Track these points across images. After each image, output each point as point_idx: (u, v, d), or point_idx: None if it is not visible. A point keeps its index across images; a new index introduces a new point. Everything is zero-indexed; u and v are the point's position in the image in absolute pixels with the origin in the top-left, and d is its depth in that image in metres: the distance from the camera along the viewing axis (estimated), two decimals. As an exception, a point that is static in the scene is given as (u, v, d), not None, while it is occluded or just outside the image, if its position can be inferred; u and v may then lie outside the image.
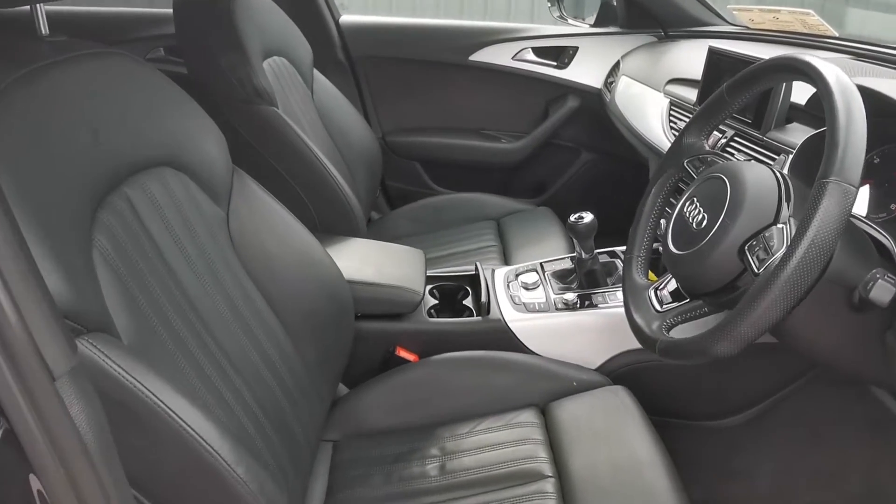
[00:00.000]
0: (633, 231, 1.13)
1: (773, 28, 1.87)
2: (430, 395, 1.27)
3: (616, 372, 1.36)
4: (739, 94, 0.99)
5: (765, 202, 0.85)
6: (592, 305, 1.37)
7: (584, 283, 1.44)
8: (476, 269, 1.55)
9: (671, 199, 1.13)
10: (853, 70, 1.16)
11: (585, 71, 2.18)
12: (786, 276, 0.72)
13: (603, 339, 1.36)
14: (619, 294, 1.39)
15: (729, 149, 1.31)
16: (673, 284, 1.02)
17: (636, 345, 1.36)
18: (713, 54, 1.39)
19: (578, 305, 1.38)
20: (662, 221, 1.30)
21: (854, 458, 1.39)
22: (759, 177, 0.88)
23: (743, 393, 1.40)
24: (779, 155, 1.17)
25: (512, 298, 1.43)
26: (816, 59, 0.82)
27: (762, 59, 1.25)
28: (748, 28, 1.97)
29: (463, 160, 2.31)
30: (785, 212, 0.84)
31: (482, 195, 2.18)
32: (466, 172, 2.35)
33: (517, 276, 1.53)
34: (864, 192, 1.07)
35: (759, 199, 0.86)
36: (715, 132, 1.35)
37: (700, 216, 0.91)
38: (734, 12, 1.97)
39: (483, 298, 1.40)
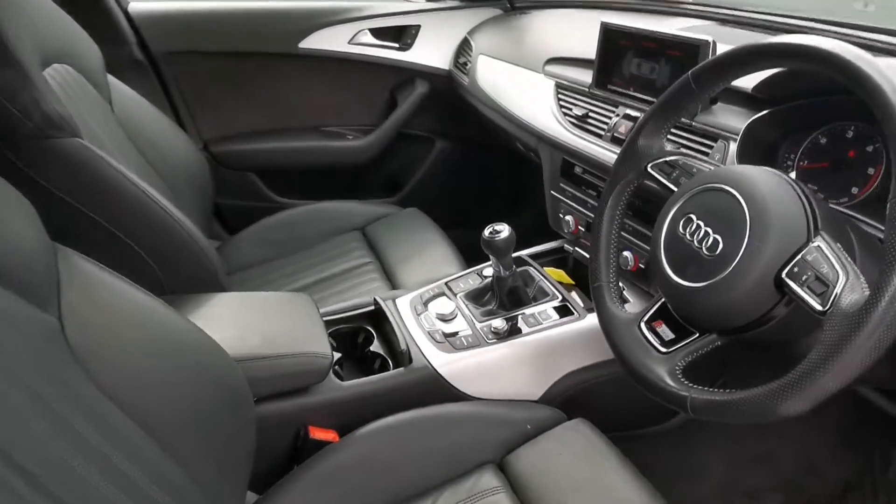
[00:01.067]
0: (595, 253, 0.96)
1: (623, -6, 1.80)
2: (367, 479, 1.01)
3: (560, 398, 1.21)
4: (713, 83, 0.84)
5: (793, 217, 0.72)
6: (520, 330, 1.20)
7: (506, 303, 1.26)
8: (376, 303, 1.29)
9: (629, 212, 0.97)
10: (721, 37, 1.10)
11: (431, 51, 1.97)
12: (881, 312, 0.59)
13: (541, 365, 1.20)
14: (547, 309, 1.23)
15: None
16: (660, 311, 0.87)
17: (575, 366, 1.23)
18: (610, 31, 1.25)
19: (508, 332, 1.19)
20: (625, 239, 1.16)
21: (788, 438, 1.38)
22: (775, 186, 0.75)
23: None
24: (716, 142, 1.06)
25: (432, 336, 1.20)
26: (837, 42, 0.69)
27: (672, 34, 1.15)
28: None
29: (306, 164, 1.99)
30: (812, 227, 0.71)
31: (337, 202, 1.90)
32: (312, 177, 2.04)
33: (426, 303, 1.30)
34: (823, 176, 1.00)
35: (787, 215, 0.72)
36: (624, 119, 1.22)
37: (710, 239, 0.76)
38: (581, -21, 1.87)
39: (401, 345, 1.16)
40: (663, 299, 0.86)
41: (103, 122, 1.36)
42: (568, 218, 1.39)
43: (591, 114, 1.31)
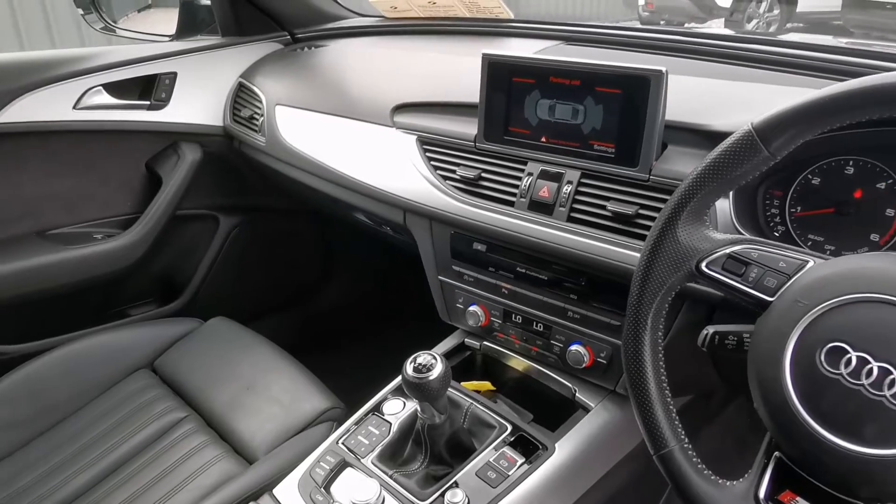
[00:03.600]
0: (646, 402, 0.64)
1: (426, 16, 1.52)
2: None
3: None
4: (793, 141, 0.58)
5: None
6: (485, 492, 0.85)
7: (444, 456, 0.90)
8: None
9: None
10: (602, 58, 0.90)
11: (196, 106, 1.47)
12: None
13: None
14: (504, 450, 0.90)
15: (581, 203, 0.90)
16: (781, 473, 0.59)
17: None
18: (498, 65, 0.94)
19: (469, 502, 0.83)
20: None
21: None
22: None
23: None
24: (693, 197, 0.82)
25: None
26: None
27: (609, 66, 0.88)
28: (386, 18, 1.58)
29: (36, 290, 1.35)
30: None
31: (103, 333, 1.33)
32: (51, 306, 1.40)
33: (324, 488, 0.88)
34: (826, 224, 0.82)
35: None
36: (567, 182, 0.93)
37: (893, 380, 0.49)
38: (371, 1, 1.55)
39: None
40: (776, 454, 0.59)
41: None
42: (473, 308, 1.06)
43: (485, 174, 1.00)
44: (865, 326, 0.52)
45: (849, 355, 0.52)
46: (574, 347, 0.95)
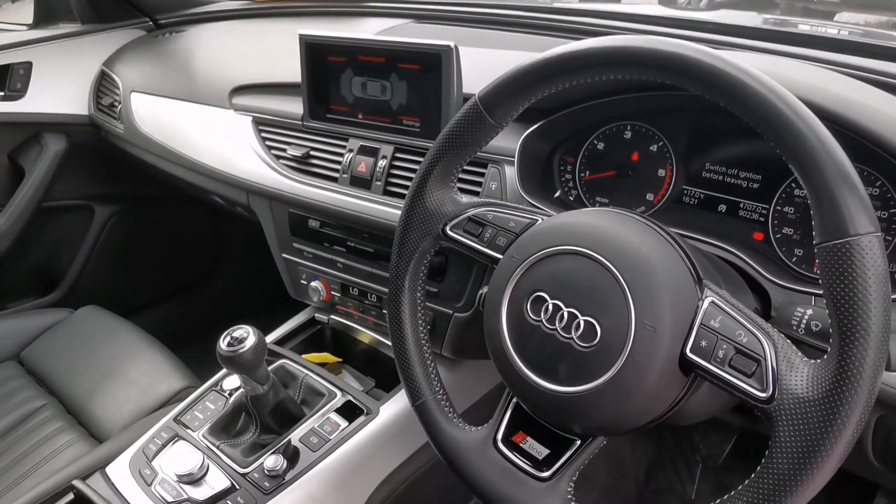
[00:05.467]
0: (404, 359, 0.69)
1: (294, -1, 1.53)
2: None
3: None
4: (512, 107, 0.62)
5: (677, 275, 0.54)
6: (305, 456, 0.89)
7: (271, 425, 0.93)
8: (76, 491, 0.86)
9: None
10: (438, 36, 0.92)
11: (57, 95, 1.46)
12: (864, 392, 0.44)
13: (346, 490, 0.91)
14: (329, 416, 0.94)
15: (395, 177, 0.94)
16: (517, 418, 0.64)
17: (387, 470, 0.96)
18: (314, 46, 0.97)
19: (288, 466, 0.87)
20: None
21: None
22: (642, 235, 0.56)
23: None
24: (486, 168, 0.87)
25: (180, 517, 0.82)
26: (696, 46, 0.51)
27: (400, 42, 0.91)
28: (253, 1, 1.58)
29: None
30: (695, 279, 0.55)
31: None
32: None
33: (152, 461, 0.90)
34: (610, 185, 0.87)
35: (670, 274, 0.54)
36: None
37: (580, 323, 0.54)
38: (234, -15, 1.55)
39: None
40: (513, 401, 0.64)
41: None
42: (315, 284, 1.09)
43: (312, 152, 1.03)
44: (560, 275, 0.57)
45: (546, 303, 0.57)
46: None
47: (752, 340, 0.50)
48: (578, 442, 0.60)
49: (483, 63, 0.92)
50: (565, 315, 0.56)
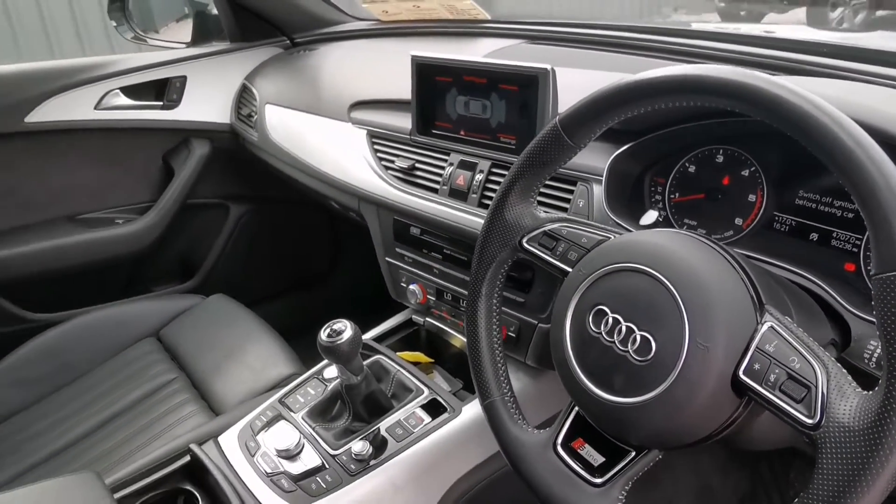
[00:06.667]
0: (476, 360, 0.74)
1: (414, 18, 1.63)
2: None
3: None
4: (590, 131, 0.66)
5: (735, 296, 0.56)
6: (390, 445, 0.96)
7: (362, 413, 1.01)
8: (192, 454, 0.98)
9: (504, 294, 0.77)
10: (544, 58, 0.95)
11: (205, 105, 1.64)
12: None
13: (423, 483, 0.97)
14: (415, 411, 1.00)
15: (491, 190, 0.99)
16: (577, 425, 0.67)
17: (464, 469, 1.01)
18: (424, 66, 1.05)
19: (374, 454, 0.94)
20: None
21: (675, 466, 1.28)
22: (703, 256, 0.58)
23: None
24: (575, 186, 0.90)
25: (276, 484, 0.92)
26: (760, 75, 0.53)
27: (501, 65, 0.97)
28: (381, 22, 1.70)
29: (65, 266, 1.56)
30: (756, 302, 0.56)
31: (118, 305, 1.52)
32: (77, 280, 1.61)
33: (257, 436, 1.01)
34: (700, 208, 0.87)
35: (728, 294, 0.56)
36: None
37: (637, 337, 0.57)
38: (364, 5, 1.67)
39: None
40: (576, 409, 0.67)
41: None
42: (413, 287, 1.17)
43: (418, 165, 1.11)
44: (621, 291, 0.60)
45: (607, 316, 0.60)
46: (489, 322, 1.04)
47: (805, 367, 0.51)
48: (633, 453, 0.62)
49: (581, 84, 0.95)
50: (623, 329, 0.58)
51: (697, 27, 1.14)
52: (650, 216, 0.87)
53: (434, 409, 1.01)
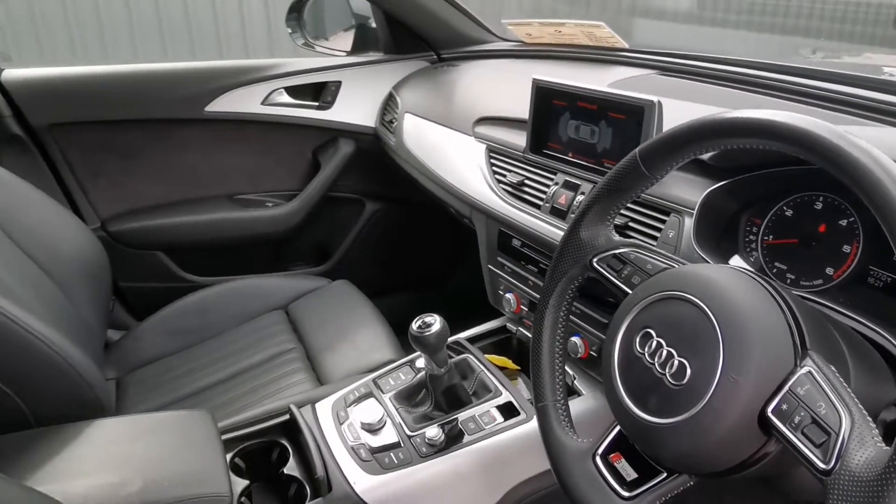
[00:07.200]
0: (537, 366, 0.80)
1: (555, 42, 1.70)
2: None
3: None
4: (666, 164, 0.70)
5: (775, 336, 0.57)
6: (462, 437, 1.03)
7: (442, 403, 1.09)
8: (291, 414, 1.11)
9: (574, 306, 0.82)
10: (666, 90, 0.97)
11: (355, 109, 1.81)
12: None
13: (486, 479, 1.02)
14: (490, 409, 1.07)
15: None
16: (617, 440, 0.71)
17: (526, 475, 1.06)
18: (542, 90, 1.11)
19: (446, 443, 1.02)
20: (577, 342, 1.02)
21: None
22: (750, 294, 0.60)
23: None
24: (668, 216, 0.92)
25: (356, 452, 1.02)
26: (812, 120, 0.55)
27: (613, 94, 1.01)
28: (524, 44, 1.77)
29: (220, 238, 1.79)
30: (798, 346, 0.57)
31: (257, 278, 1.71)
32: (228, 252, 1.84)
33: (348, 408, 1.12)
34: (792, 253, 0.87)
35: (768, 333, 0.57)
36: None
37: (675, 363, 0.60)
38: (509, 27, 1.76)
39: (318, 472, 0.97)
40: (618, 427, 0.71)
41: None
42: (508, 296, 1.23)
43: (526, 181, 1.17)
44: (669, 317, 0.63)
45: (652, 339, 0.63)
46: (573, 339, 1.08)
47: (830, 413, 0.52)
48: (665, 474, 0.65)
49: (688, 117, 0.98)
50: (665, 353, 0.62)
51: (830, 69, 1.10)
52: (736, 261, 0.88)
53: (508, 411, 1.06)
